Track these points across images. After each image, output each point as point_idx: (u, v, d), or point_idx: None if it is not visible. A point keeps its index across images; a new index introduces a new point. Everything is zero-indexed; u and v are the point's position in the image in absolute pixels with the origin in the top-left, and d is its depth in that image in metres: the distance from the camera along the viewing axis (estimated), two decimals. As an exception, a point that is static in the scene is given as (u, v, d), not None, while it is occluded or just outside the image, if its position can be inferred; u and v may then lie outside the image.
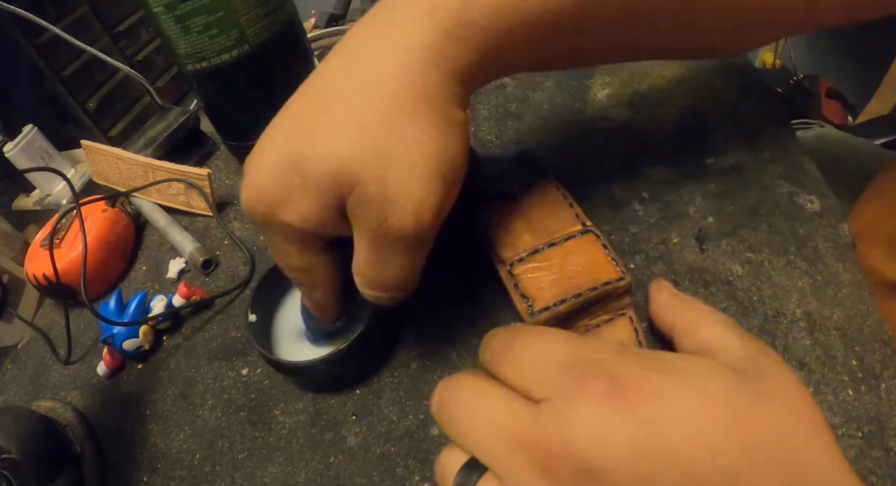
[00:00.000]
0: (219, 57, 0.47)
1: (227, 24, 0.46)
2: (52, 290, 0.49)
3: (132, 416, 0.40)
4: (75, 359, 0.45)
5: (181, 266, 0.49)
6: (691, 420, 0.19)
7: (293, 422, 0.36)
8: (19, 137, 1.55)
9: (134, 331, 0.42)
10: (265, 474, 0.34)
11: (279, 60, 0.51)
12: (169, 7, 0.44)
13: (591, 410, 0.20)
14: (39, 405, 0.41)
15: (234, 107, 0.53)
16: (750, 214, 0.36)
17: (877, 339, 0.30)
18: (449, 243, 0.32)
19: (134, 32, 1.92)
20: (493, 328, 0.36)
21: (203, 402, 0.39)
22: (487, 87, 0.56)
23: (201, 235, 0.52)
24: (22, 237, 1.67)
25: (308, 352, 0.35)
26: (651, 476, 0.18)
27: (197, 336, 0.43)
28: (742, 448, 0.19)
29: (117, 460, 0.38)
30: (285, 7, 0.50)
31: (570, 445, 0.19)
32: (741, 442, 0.19)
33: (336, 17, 0.81)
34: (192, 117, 0.60)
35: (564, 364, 0.21)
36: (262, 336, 0.37)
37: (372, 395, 0.35)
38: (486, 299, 0.38)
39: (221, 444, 0.36)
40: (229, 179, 0.57)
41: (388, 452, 0.33)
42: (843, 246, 0.34)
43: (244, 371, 0.40)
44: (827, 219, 0.35)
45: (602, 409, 0.20)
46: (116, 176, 0.56)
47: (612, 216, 0.39)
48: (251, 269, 0.46)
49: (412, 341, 0.37)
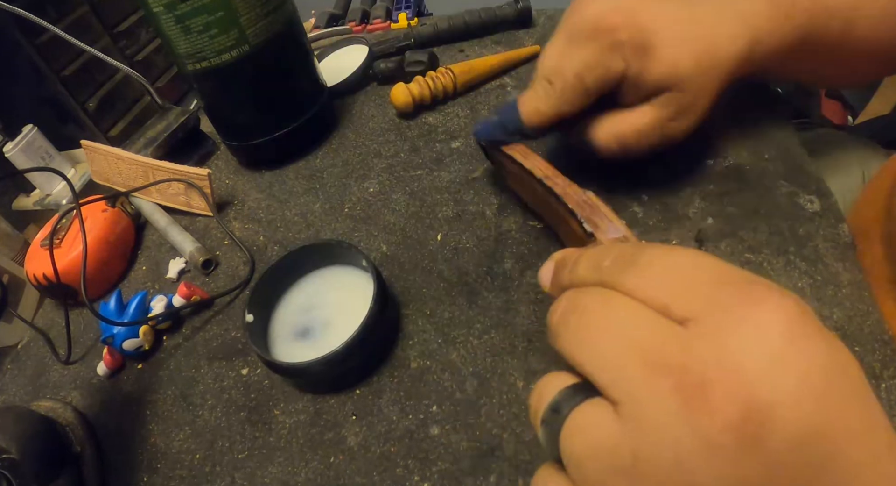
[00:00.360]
0: (219, 57, 0.47)
1: (227, 24, 0.46)
2: (52, 290, 0.49)
3: (132, 416, 0.40)
4: (75, 359, 0.45)
5: (181, 266, 0.49)
6: (852, 360, 0.17)
7: (293, 422, 0.36)
8: (19, 137, 1.55)
9: (134, 331, 0.42)
10: (265, 474, 0.34)
11: (279, 60, 0.51)
12: (169, 7, 0.44)
13: (770, 336, 0.16)
14: (39, 405, 0.41)
15: (234, 107, 0.53)
16: (749, 215, 0.36)
17: (877, 339, 0.30)
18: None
19: (134, 32, 1.92)
20: (490, 329, 0.36)
21: (203, 402, 0.39)
22: (487, 87, 0.56)
23: (201, 235, 0.52)
24: (22, 237, 1.67)
25: (305, 352, 0.35)
26: (821, 428, 0.15)
27: (197, 336, 0.43)
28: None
29: (117, 460, 0.38)
30: (285, 7, 0.50)
31: (739, 376, 0.16)
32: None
33: (336, 17, 0.81)
34: (192, 117, 0.60)
35: (718, 279, 0.18)
36: (260, 337, 0.37)
37: (372, 395, 0.35)
38: (486, 299, 0.38)
39: (221, 444, 0.36)
40: (229, 179, 0.57)
41: (388, 452, 0.33)
42: (843, 246, 0.34)
43: (244, 371, 0.40)
44: (827, 219, 0.35)
45: (783, 336, 0.16)
46: (116, 176, 0.56)
47: (612, 216, 0.39)
48: (251, 269, 0.46)
49: (412, 341, 0.37)
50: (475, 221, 0.43)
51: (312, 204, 0.50)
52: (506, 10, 0.61)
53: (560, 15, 0.65)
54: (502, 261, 0.40)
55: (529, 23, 0.62)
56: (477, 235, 0.42)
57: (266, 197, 0.53)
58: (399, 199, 0.47)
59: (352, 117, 0.58)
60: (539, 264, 0.39)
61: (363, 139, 0.55)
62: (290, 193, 0.52)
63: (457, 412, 0.33)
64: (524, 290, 0.38)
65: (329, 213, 0.49)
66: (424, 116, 0.55)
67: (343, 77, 0.61)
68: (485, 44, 0.62)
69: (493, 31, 0.63)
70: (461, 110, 0.54)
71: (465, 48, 0.62)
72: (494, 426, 0.32)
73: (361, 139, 0.55)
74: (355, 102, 0.60)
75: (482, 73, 0.55)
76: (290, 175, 0.54)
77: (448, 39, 0.63)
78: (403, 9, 0.80)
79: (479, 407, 0.33)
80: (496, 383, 0.34)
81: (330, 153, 0.55)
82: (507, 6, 0.61)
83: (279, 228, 0.49)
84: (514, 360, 0.34)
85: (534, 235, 0.41)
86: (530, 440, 0.31)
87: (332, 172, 0.53)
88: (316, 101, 0.55)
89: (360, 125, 0.57)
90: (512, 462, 0.30)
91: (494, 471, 0.30)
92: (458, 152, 0.50)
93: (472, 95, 0.56)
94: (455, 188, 0.46)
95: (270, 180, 0.55)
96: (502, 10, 0.61)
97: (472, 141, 0.50)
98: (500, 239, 0.41)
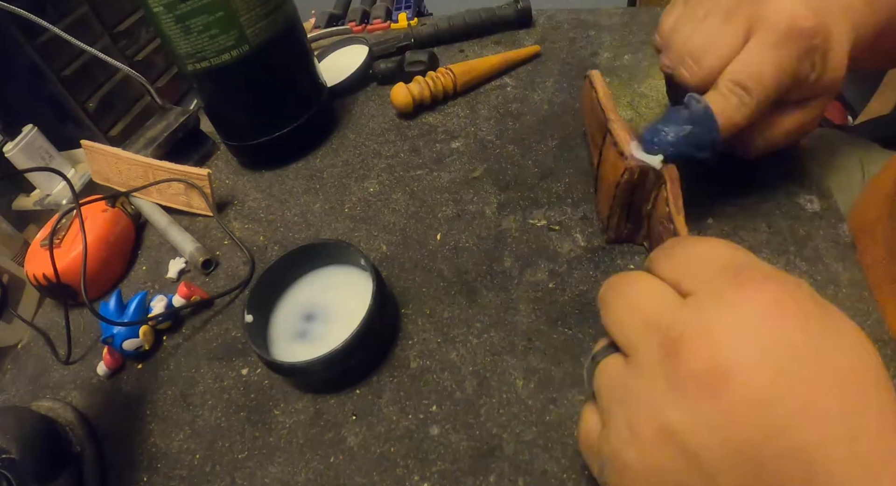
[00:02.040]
0: (219, 57, 0.47)
1: (227, 24, 0.46)
2: (52, 290, 0.49)
3: (132, 416, 0.40)
4: (75, 359, 0.45)
5: (181, 266, 0.49)
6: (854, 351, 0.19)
7: (293, 422, 0.36)
8: (19, 137, 1.55)
9: (134, 331, 0.42)
10: (265, 474, 0.34)
11: (279, 60, 0.51)
12: (169, 7, 0.44)
13: (746, 314, 0.19)
14: (39, 405, 0.41)
15: (234, 107, 0.53)
16: (750, 215, 0.36)
17: (877, 339, 0.30)
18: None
19: (134, 32, 1.91)
20: (490, 328, 0.36)
21: (203, 402, 0.39)
22: (487, 87, 0.56)
23: (201, 235, 0.52)
24: (22, 237, 1.67)
25: (305, 352, 0.35)
26: (773, 399, 0.18)
27: (197, 336, 0.43)
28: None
29: (117, 460, 0.38)
30: (285, 7, 0.50)
31: (707, 338, 0.19)
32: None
33: (336, 17, 0.81)
34: (192, 117, 0.60)
35: (725, 264, 0.21)
36: (260, 336, 0.37)
37: (372, 395, 0.35)
38: (485, 298, 0.38)
39: (221, 444, 0.36)
40: (229, 179, 0.57)
41: (388, 452, 0.33)
42: (843, 246, 0.34)
43: (244, 371, 0.40)
44: (827, 219, 0.35)
45: (756, 314, 0.19)
46: (116, 176, 0.56)
47: (612, 216, 0.39)
48: (251, 269, 0.46)
49: (412, 340, 0.37)
50: (475, 220, 0.43)
51: (312, 204, 0.50)
52: (506, 10, 0.61)
53: (560, 15, 0.65)
54: (502, 260, 0.40)
55: (529, 23, 0.62)
56: (477, 235, 0.42)
57: (266, 197, 0.53)
58: (399, 199, 0.47)
59: (352, 117, 0.58)
60: (539, 261, 0.39)
61: (363, 139, 0.55)
62: (290, 193, 0.52)
63: (456, 411, 0.33)
64: (524, 289, 0.38)
65: (329, 213, 0.49)
66: (424, 116, 0.55)
67: (343, 77, 0.61)
68: (485, 44, 0.62)
69: (493, 31, 0.63)
70: (461, 110, 0.54)
71: (465, 48, 0.62)
72: (494, 425, 0.32)
73: (361, 139, 0.55)
74: (355, 102, 0.60)
75: (482, 73, 0.55)
76: (290, 175, 0.54)
77: (448, 39, 0.63)
78: (403, 9, 0.80)
79: (479, 407, 0.33)
80: (496, 382, 0.34)
81: (330, 153, 0.55)
82: (507, 6, 0.61)
83: (279, 228, 0.49)
84: (514, 359, 0.34)
85: (533, 232, 0.41)
86: (530, 440, 0.31)
87: (332, 172, 0.53)
88: (316, 101, 0.55)
89: (360, 125, 0.57)
90: (512, 462, 0.30)
91: (494, 471, 0.30)
92: (458, 152, 0.50)
93: (472, 95, 0.56)
94: (455, 188, 0.46)
95: (270, 180, 0.55)
96: (502, 10, 0.61)
97: (471, 141, 0.50)
98: (500, 238, 0.41)
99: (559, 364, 0.33)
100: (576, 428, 0.31)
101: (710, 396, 0.18)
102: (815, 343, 0.18)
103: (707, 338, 0.19)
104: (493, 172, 0.47)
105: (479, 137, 0.51)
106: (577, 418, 0.31)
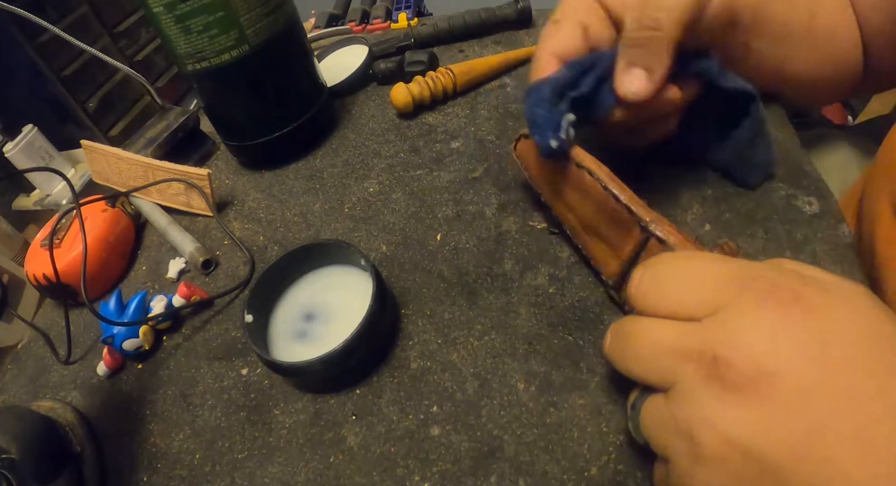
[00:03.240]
0: (219, 57, 0.47)
1: (227, 24, 0.46)
2: (52, 290, 0.49)
3: (132, 416, 0.40)
4: (75, 359, 0.45)
5: (181, 266, 0.49)
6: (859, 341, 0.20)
7: (293, 422, 0.36)
8: (19, 137, 1.55)
9: (134, 331, 0.42)
10: (265, 474, 0.34)
11: (279, 60, 0.51)
12: (169, 7, 0.44)
13: (765, 317, 0.20)
14: (39, 405, 0.41)
15: (234, 107, 0.53)
16: (747, 221, 0.36)
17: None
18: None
19: (134, 32, 1.92)
20: (491, 330, 0.36)
21: (203, 402, 0.39)
22: (487, 87, 0.56)
23: (201, 235, 0.52)
24: (22, 237, 1.67)
25: (304, 352, 0.35)
26: (818, 387, 0.19)
27: (197, 336, 0.43)
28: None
29: (117, 460, 0.38)
30: (285, 7, 0.50)
31: (741, 349, 0.20)
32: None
33: (336, 17, 0.81)
34: (192, 117, 0.60)
35: (723, 279, 0.22)
36: (260, 336, 0.37)
37: (372, 395, 0.35)
38: (486, 300, 0.38)
39: (221, 444, 0.36)
40: (229, 179, 0.57)
41: (388, 452, 0.33)
42: (842, 248, 0.34)
43: (244, 371, 0.40)
44: (826, 220, 0.35)
45: (776, 316, 0.20)
46: (116, 176, 0.56)
47: (612, 217, 0.39)
48: (251, 269, 0.46)
49: (412, 341, 0.37)
50: (475, 221, 0.43)
51: (312, 204, 0.50)
52: (506, 10, 0.61)
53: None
54: (502, 262, 0.40)
55: (529, 23, 0.62)
56: (477, 236, 0.42)
57: (266, 197, 0.53)
58: (399, 199, 0.47)
59: (352, 117, 0.58)
60: (539, 265, 0.39)
61: (363, 139, 0.55)
62: (290, 193, 0.52)
63: (457, 412, 0.33)
64: (524, 292, 0.38)
65: (329, 213, 0.49)
66: (424, 116, 0.55)
67: (343, 77, 0.61)
68: (485, 44, 0.62)
69: (493, 31, 0.63)
70: (461, 110, 0.54)
71: (464, 48, 0.62)
72: (495, 427, 0.32)
73: (361, 139, 0.55)
74: (355, 102, 0.60)
75: (482, 73, 0.55)
76: (290, 175, 0.54)
77: (448, 39, 0.63)
78: (403, 9, 0.80)
79: (480, 408, 0.33)
80: (497, 384, 0.34)
81: (330, 153, 0.55)
82: (507, 6, 0.61)
83: (279, 228, 0.49)
84: (515, 362, 0.34)
85: (534, 235, 0.41)
86: (531, 442, 0.31)
87: (332, 172, 0.53)
88: (316, 101, 0.55)
89: (360, 125, 0.57)
90: (512, 463, 0.30)
91: (495, 472, 0.30)
92: (458, 152, 0.50)
93: (472, 95, 0.56)
94: (455, 188, 0.46)
95: (270, 180, 0.55)
96: (502, 10, 0.61)
97: (471, 141, 0.50)
98: (500, 239, 0.41)
99: (560, 369, 0.33)
100: (577, 431, 0.31)
101: (762, 398, 0.19)
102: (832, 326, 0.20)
103: (741, 348, 0.20)
104: (493, 172, 0.47)
105: (478, 137, 0.51)
106: (578, 421, 0.31)
